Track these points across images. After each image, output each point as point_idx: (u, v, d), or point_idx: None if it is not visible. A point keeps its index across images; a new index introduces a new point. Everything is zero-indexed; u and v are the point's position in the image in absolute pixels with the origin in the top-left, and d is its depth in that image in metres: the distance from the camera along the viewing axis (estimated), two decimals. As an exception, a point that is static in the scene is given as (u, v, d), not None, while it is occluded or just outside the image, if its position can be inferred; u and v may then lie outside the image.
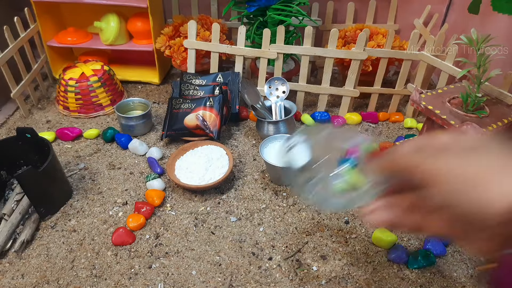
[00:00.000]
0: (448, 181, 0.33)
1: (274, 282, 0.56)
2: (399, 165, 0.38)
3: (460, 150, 0.35)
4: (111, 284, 0.56)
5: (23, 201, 0.66)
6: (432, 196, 0.35)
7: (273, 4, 0.86)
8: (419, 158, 0.36)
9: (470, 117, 0.66)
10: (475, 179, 0.31)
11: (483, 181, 0.31)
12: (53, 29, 1.04)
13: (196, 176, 0.71)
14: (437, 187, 0.34)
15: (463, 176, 0.32)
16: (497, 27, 0.77)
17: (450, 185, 0.33)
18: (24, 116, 0.93)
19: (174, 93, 0.89)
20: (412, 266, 0.58)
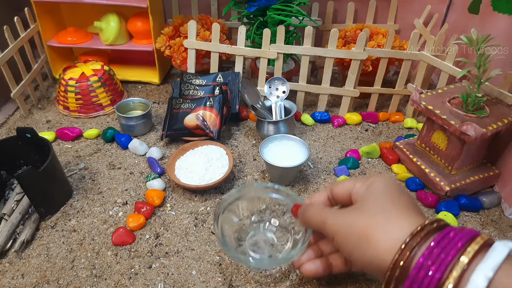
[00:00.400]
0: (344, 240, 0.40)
1: (274, 282, 0.56)
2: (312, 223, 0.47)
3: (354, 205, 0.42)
4: (111, 284, 0.56)
5: (23, 201, 0.66)
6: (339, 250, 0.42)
7: (273, 4, 0.86)
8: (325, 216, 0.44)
9: (470, 117, 0.66)
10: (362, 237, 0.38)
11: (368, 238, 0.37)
12: (53, 29, 1.04)
13: (196, 176, 0.71)
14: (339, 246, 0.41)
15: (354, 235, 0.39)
16: (497, 27, 0.78)
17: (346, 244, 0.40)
18: (24, 116, 0.93)
19: (174, 93, 0.89)
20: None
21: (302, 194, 0.72)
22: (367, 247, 0.37)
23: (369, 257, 0.37)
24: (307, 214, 0.48)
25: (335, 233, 0.42)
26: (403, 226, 0.36)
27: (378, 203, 0.40)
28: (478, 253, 0.33)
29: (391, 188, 0.42)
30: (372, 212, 0.39)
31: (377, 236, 0.37)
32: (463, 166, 0.71)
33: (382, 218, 0.38)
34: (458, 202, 0.68)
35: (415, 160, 0.75)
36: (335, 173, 0.76)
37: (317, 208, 0.47)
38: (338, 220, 0.42)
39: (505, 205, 0.69)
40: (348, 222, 0.40)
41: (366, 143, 0.86)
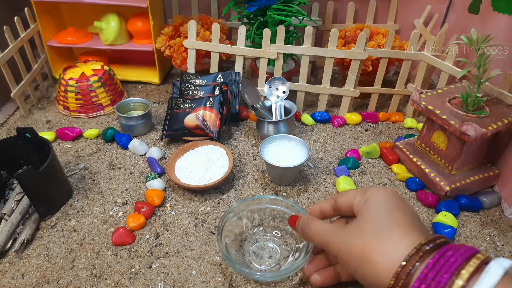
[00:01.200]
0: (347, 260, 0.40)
1: (274, 282, 0.56)
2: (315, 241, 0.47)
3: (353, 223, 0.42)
4: (111, 284, 0.56)
5: (23, 201, 0.66)
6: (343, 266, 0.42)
7: (273, 4, 0.86)
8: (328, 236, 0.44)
9: (470, 117, 0.66)
10: (362, 258, 0.38)
11: (367, 260, 0.37)
12: (53, 29, 1.04)
13: (196, 176, 0.71)
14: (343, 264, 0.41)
15: (355, 256, 0.39)
16: (497, 27, 0.78)
17: (348, 263, 0.40)
18: (24, 116, 0.93)
19: (174, 93, 0.89)
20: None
21: (302, 194, 0.72)
22: (367, 268, 0.38)
23: (370, 278, 0.38)
24: (309, 231, 0.47)
25: (338, 252, 0.42)
26: (400, 247, 0.36)
27: (375, 221, 0.40)
28: (473, 275, 0.32)
29: (390, 203, 0.41)
30: (369, 231, 0.39)
31: (375, 258, 0.37)
32: (463, 166, 0.71)
33: (379, 238, 0.38)
34: (458, 202, 0.68)
35: (415, 160, 0.75)
36: (335, 173, 0.76)
37: (319, 227, 0.46)
38: (339, 239, 0.42)
39: (505, 205, 0.69)
40: (348, 243, 0.40)
41: (366, 143, 0.86)
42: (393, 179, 0.76)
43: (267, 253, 0.60)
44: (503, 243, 0.63)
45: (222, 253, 0.55)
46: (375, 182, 0.75)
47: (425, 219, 0.67)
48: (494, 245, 0.62)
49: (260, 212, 0.63)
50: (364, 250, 0.38)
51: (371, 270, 0.37)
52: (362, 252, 0.38)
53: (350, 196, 0.45)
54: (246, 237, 0.62)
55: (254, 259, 0.59)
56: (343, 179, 0.72)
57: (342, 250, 0.41)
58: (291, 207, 0.61)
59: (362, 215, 0.42)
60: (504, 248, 0.62)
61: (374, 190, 0.43)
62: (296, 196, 0.71)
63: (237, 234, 0.62)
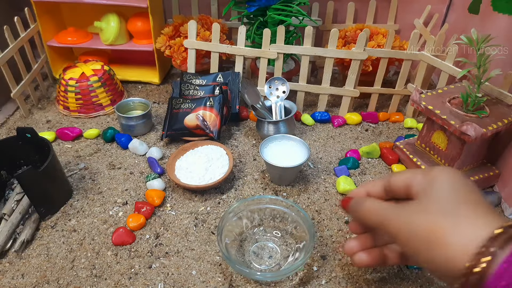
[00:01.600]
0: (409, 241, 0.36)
1: (274, 282, 0.56)
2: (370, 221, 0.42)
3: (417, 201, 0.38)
4: (111, 284, 0.56)
5: (23, 201, 0.66)
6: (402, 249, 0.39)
7: (273, 4, 0.86)
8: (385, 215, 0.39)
9: (470, 117, 0.66)
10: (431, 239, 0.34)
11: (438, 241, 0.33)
12: (53, 29, 1.04)
13: (196, 176, 0.71)
14: (403, 246, 0.37)
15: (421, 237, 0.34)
16: (497, 27, 0.77)
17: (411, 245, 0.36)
18: (24, 116, 0.93)
19: (174, 93, 0.89)
20: (412, 267, 0.58)
21: (302, 194, 0.72)
22: (436, 250, 0.33)
23: (438, 261, 0.33)
24: (364, 209, 0.42)
25: (397, 232, 0.37)
26: (478, 227, 0.32)
27: (445, 201, 0.35)
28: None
29: (459, 184, 0.37)
30: (440, 211, 0.35)
31: (448, 239, 0.33)
32: (463, 166, 0.71)
33: (453, 218, 0.34)
34: (458, 202, 0.68)
35: (415, 160, 0.75)
36: (335, 173, 0.76)
37: (375, 205, 0.42)
38: (401, 220, 0.37)
39: (505, 205, 0.69)
40: (413, 222, 0.36)
41: (366, 143, 0.86)
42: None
43: (267, 253, 0.60)
44: (503, 243, 0.63)
45: (222, 253, 0.55)
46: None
47: (425, 219, 0.67)
48: (494, 245, 0.62)
49: (260, 212, 0.63)
50: (433, 231, 0.34)
51: (442, 253, 0.33)
52: (429, 233, 0.34)
53: (409, 176, 0.40)
54: (246, 237, 0.62)
55: (254, 259, 0.59)
56: (343, 179, 0.72)
57: (403, 230, 0.36)
58: (291, 207, 0.61)
59: (427, 195, 0.37)
60: (504, 248, 0.62)
61: (440, 169, 0.39)
62: (296, 196, 0.71)
63: (237, 234, 0.62)
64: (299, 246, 0.59)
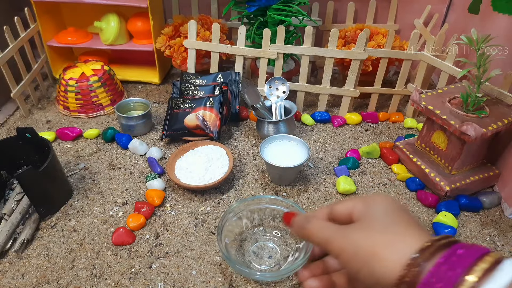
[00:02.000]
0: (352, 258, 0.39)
1: (274, 282, 0.56)
2: (314, 239, 0.44)
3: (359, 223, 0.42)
4: (111, 284, 0.56)
5: (23, 201, 0.66)
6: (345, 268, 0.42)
7: (273, 4, 0.86)
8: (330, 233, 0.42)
9: (470, 117, 0.66)
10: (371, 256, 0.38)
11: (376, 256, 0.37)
12: (53, 29, 1.04)
13: (196, 176, 0.71)
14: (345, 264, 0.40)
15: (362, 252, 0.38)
16: (497, 27, 0.77)
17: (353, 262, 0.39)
18: (24, 116, 0.93)
19: (174, 93, 0.89)
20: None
21: (302, 194, 0.72)
22: (375, 266, 0.37)
23: (377, 275, 0.37)
24: (310, 226, 0.45)
25: (340, 251, 0.41)
26: (411, 243, 0.36)
27: (382, 222, 0.40)
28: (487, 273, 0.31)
29: (392, 207, 0.42)
30: (378, 230, 0.39)
31: (386, 254, 0.37)
32: (463, 166, 0.71)
33: (389, 236, 0.38)
34: (458, 202, 0.68)
35: (415, 160, 0.75)
36: (335, 173, 0.76)
37: (320, 223, 0.45)
38: (344, 239, 0.41)
39: (505, 205, 0.69)
40: (354, 241, 0.40)
41: (366, 143, 0.86)
42: (393, 179, 0.76)
43: (267, 253, 0.60)
44: (503, 243, 0.63)
45: (222, 253, 0.55)
46: (375, 182, 0.75)
47: (425, 219, 0.67)
48: (494, 245, 0.62)
49: (260, 212, 0.63)
50: (374, 247, 0.38)
51: (381, 266, 0.37)
52: (371, 249, 0.38)
53: (349, 204, 0.44)
54: (246, 237, 0.63)
55: (254, 259, 0.59)
56: (343, 179, 0.72)
57: (347, 249, 0.40)
58: (291, 207, 0.61)
59: (368, 217, 0.41)
60: (504, 248, 0.62)
61: (375, 196, 0.44)
62: (296, 196, 0.71)
63: (237, 234, 0.62)
64: (298, 246, 0.59)
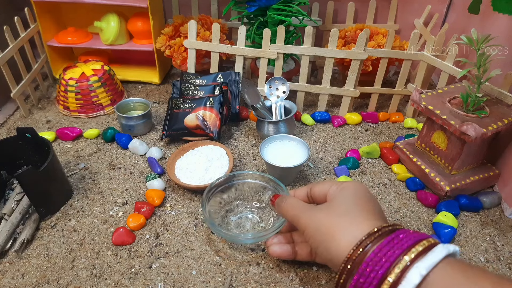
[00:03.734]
0: (313, 234, 0.45)
1: (274, 282, 0.56)
2: (287, 214, 0.52)
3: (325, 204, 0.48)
4: (111, 284, 0.56)
5: (23, 201, 0.66)
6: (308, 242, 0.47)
7: (273, 4, 0.86)
8: (299, 211, 0.49)
9: (470, 117, 0.66)
10: (328, 235, 0.43)
11: (333, 236, 0.43)
12: (53, 29, 1.04)
13: (196, 176, 0.71)
14: (308, 238, 0.46)
15: (322, 231, 0.44)
16: (497, 27, 0.78)
17: (314, 238, 0.45)
18: (24, 116, 0.93)
19: (174, 93, 0.89)
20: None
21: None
22: (331, 244, 0.42)
23: (331, 253, 0.42)
24: (283, 206, 0.52)
25: (305, 227, 0.47)
26: (363, 228, 0.41)
27: (345, 206, 0.45)
28: (421, 254, 0.36)
29: (360, 194, 0.47)
30: (339, 213, 0.45)
31: (340, 236, 0.42)
32: (463, 166, 0.71)
33: (347, 219, 0.43)
34: (458, 202, 0.68)
35: (415, 160, 0.75)
36: (335, 173, 0.76)
37: (294, 202, 0.51)
38: (309, 217, 0.47)
39: (505, 205, 0.69)
40: (318, 220, 0.45)
41: (366, 143, 0.86)
42: (393, 179, 0.76)
43: (246, 222, 0.65)
44: (503, 243, 0.63)
45: (205, 218, 0.59)
46: (375, 182, 0.75)
47: (425, 219, 0.67)
48: (494, 245, 0.62)
49: (243, 186, 0.68)
50: (332, 227, 0.43)
51: (335, 244, 0.42)
52: (329, 229, 0.43)
53: (326, 186, 0.50)
54: (228, 209, 0.67)
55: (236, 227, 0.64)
56: (343, 179, 0.72)
57: (311, 225, 0.46)
58: (273, 182, 0.65)
59: (336, 200, 0.47)
60: (504, 248, 0.62)
61: (349, 182, 0.50)
62: (296, 196, 0.71)
63: (221, 206, 0.67)
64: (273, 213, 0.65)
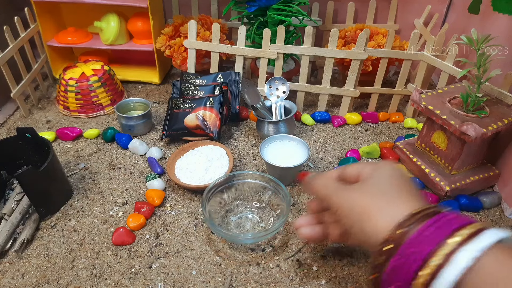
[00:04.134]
0: (347, 214, 0.43)
1: (274, 282, 0.56)
2: (318, 193, 0.49)
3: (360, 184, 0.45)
4: (111, 284, 0.56)
5: (23, 201, 0.66)
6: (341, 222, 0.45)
7: (273, 4, 0.86)
8: (332, 190, 0.47)
9: (470, 117, 0.66)
10: (364, 215, 0.41)
11: (369, 216, 0.40)
12: (53, 29, 1.04)
13: (196, 176, 0.71)
14: (341, 218, 0.44)
15: (357, 211, 0.42)
16: (497, 27, 0.77)
17: (348, 218, 0.43)
18: (24, 116, 0.93)
19: (174, 93, 0.89)
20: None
21: (302, 194, 0.72)
22: (367, 224, 0.40)
23: (367, 233, 0.40)
24: (315, 183, 0.50)
25: (339, 206, 0.44)
26: (402, 209, 0.39)
27: (382, 187, 0.43)
28: (469, 238, 0.34)
29: (396, 175, 0.44)
30: (375, 193, 0.42)
31: (377, 216, 0.40)
32: (463, 166, 0.71)
33: (383, 199, 0.41)
34: (458, 202, 0.68)
35: (415, 160, 0.75)
36: (335, 173, 0.76)
37: (325, 181, 0.49)
38: (343, 196, 0.44)
39: (505, 205, 0.69)
40: (352, 199, 0.43)
41: (366, 143, 0.86)
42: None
43: (246, 222, 0.65)
44: (503, 243, 0.63)
45: (205, 218, 0.60)
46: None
47: (425, 219, 0.67)
48: (494, 245, 0.62)
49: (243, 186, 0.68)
50: (368, 207, 0.41)
51: (371, 225, 0.40)
52: (365, 209, 0.41)
53: (360, 166, 0.48)
54: (228, 209, 0.67)
55: (236, 227, 0.64)
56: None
57: (345, 205, 0.43)
58: (273, 182, 0.65)
59: (371, 180, 0.45)
60: (504, 248, 0.62)
61: (385, 162, 0.47)
62: (296, 196, 0.71)
63: (221, 207, 0.67)
64: (273, 213, 0.65)
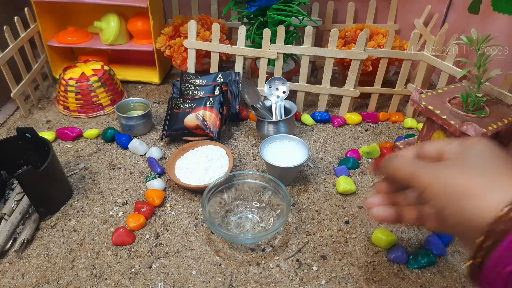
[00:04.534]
0: (441, 193, 0.37)
1: (274, 282, 0.56)
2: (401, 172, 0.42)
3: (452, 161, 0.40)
4: (111, 284, 0.56)
5: (23, 201, 0.66)
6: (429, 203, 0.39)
7: (273, 4, 0.86)
8: (416, 168, 0.40)
9: (470, 117, 0.65)
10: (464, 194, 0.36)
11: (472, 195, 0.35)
12: (53, 29, 1.04)
13: (196, 176, 0.71)
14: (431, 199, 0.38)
15: (454, 189, 0.36)
16: (497, 27, 0.78)
17: (441, 197, 0.37)
18: (24, 116, 0.93)
19: (174, 93, 0.89)
20: (412, 266, 0.58)
21: (302, 194, 0.72)
22: (467, 204, 0.35)
23: (468, 214, 0.35)
24: (396, 162, 0.44)
25: (428, 185, 0.39)
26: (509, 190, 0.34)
27: (480, 163, 0.38)
28: None
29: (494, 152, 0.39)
30: (475, 171, 0.37)
31: (483, 195, 0.35)
32: (463, 166, 0.71)
33: (487, 178, 0.36)
34: (458, 202, 0.68)
35: (415, 160, 0.75)
36: (335, 173, 0.76)
37: (407, 159, 0.44)
38: (433, 173, 0.39)
39: (505, 205, 0.68)
40: (447, 178, 0.38)
41: (366, 143, 0.86)
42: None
43: (246, 222, 0.65)
44: (503, 243, 0.62)
45: (205, 218, 0.60)
46: (375, 182, 0.75)
47: (425, 219, 0.67)
48: (494, 245, 0.62)
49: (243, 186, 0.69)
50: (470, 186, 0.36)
51: (474, 205, 0.35)
52: (465, 188, 0.36)
53: (442, 143, 0.42)
54: (228, 209, 0.68)
55: (236, 227, 0.65)
56: (343, 179, 0.72)
57: (436, 184, 0.38)
58: (273, 182, 0.66)
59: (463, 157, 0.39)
60: (504, 248, 0.62)
61: (476, 138, 0.41)
62: (296, 196, 0.71)
63: (221, 207, 0.67)
64: (273, 213, 0.65)
